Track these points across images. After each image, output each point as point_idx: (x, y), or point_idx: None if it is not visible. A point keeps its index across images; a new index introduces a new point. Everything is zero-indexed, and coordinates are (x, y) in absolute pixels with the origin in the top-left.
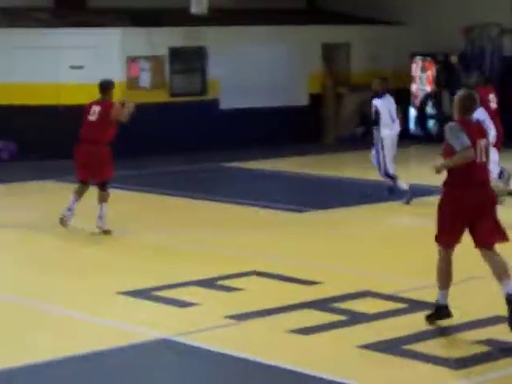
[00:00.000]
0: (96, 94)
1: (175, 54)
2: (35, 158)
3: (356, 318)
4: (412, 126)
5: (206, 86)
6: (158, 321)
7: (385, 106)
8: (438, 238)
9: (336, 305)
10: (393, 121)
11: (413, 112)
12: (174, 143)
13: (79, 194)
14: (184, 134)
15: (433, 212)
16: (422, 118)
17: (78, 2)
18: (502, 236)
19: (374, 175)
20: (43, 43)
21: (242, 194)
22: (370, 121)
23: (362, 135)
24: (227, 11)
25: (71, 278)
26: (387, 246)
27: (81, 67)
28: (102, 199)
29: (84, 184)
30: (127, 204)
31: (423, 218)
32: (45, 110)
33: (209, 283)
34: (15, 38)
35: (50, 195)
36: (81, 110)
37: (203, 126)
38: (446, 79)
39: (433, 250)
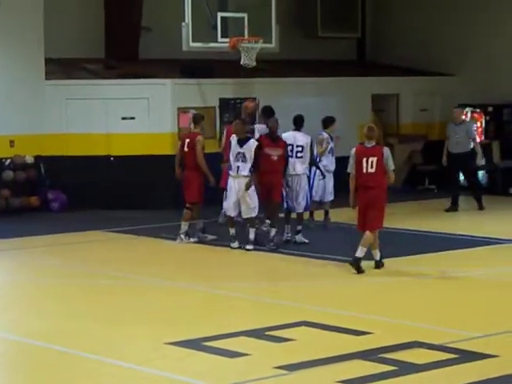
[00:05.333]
0: (147, 144)
1: (225, 104)
2: (85, 209)
3: (405, 369)
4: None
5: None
6: (208, 371)
7: None
8: None
9: (386, 355)
10: None
11: None
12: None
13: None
14: None
15: (474, 263)
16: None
17: (130, 52)
18: None
19: (430, 226)
20: (95, 94)
21: (289, 244)
22: None
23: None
24: (277, 62)
25: (119, 327)
26: (436, 296)
27: (132, 118)
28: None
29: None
30: (170, 254)
31: (466, 268)
32: (96, 161)
33: (258, 333)
34: (68, 89)
35: (99, 245)
36: (132, 161)
37: None
38: (496, 130)
39: (482, 301)
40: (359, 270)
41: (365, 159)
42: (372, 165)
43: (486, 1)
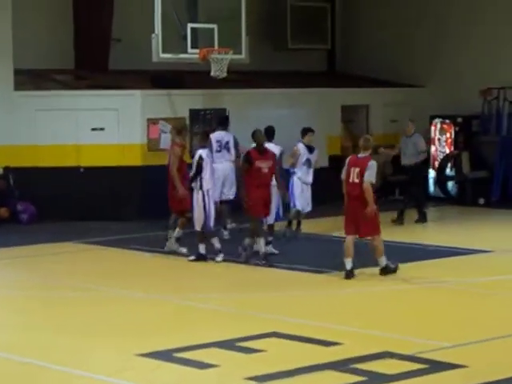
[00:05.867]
0: (116, 155)
1: (195, 115)
2: (55, 220)
3: (376, 380)
4: (431, 187)
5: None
6: (178, 383)
7: None
8: None
9: (356, 366)
10: None
11: (432, 173)
12: None
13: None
14: None
15: (445, 273)
16: (441, 179)
17: (100, 63)
18: None
19: (399, 236)
20: (64, 105)
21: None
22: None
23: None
24: (247, 74)
25: (89, 339)
26: (406, 306)
27: (102, 129)
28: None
29: None
30: (141, 265)
31: (437, 278)
32: (66, 172)
33: (228, 344)
34: (37, 100)
35: (68, 257)
36: (102, 172)
37: None
38: (465, 141)
39: (452, 311)
40: (392, 271)
41: (352, 169)
42: (357, 175)
43: (455, 14)
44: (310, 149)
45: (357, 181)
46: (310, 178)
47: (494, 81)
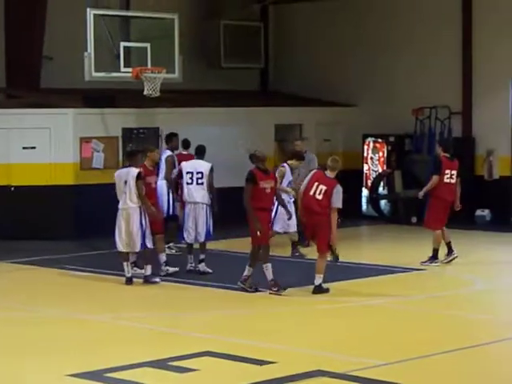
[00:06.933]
0: (48, 174)
1: (128, 134)
2: None
3: None
4: (364, 206)
5: (159, 167)
6: None
7: None
8: None
9: None
10: None
11: (365, 192)
12: None
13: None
14: None
15: (378, 292)
16: (373, 198)
17: (32, 82)
18: None
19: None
20: None
21: (193, 274)
22: None
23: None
24: (181, 93)
25: (19, 359)
26: (340, 325)
27: (33, 148)
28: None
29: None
30: (72, 285)
31: (371, 296)
32: None
33: (161, 364)
34: None
35: None
36: (33, 191)
37: None
38: (397, 160)
39: (385, 329)
40: (324, 291)
41: (316, 184)
42: (321, 192)
43: (388, 35)
44: (292, 170)
45: (319, 197)
46: (292, 198)
47: (426, 100)
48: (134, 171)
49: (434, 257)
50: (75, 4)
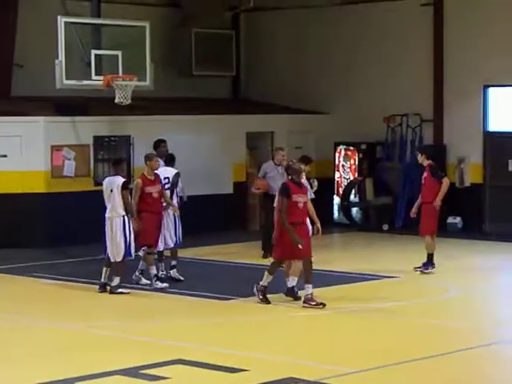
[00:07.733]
0: (19, 182)
1: (100, 142)
2: None
3: None
4: (335, 213)
5: (130, 175)
6: None
7: None
8: None
9: None
10: None
11: (336, 200)
12: (98, 232)
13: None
14: None
15: (351, 299)
16: (345, 205)
17: (2, 90)
18: None
19: None
20: None
21: (166, 282)
22: None
23: None
24: (152, 100)
25: None
26: (312, 332)
27: (4, 156)
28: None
29: None
30: (44, 293)
31: (344, 304)
32: None
33: (132, 372)
34: None
35: None
36: (4, 199)
37: None
38: (369, 168)
39: (358, 337)
40: (296, 298)
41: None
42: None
43: (359, 43)
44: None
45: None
46: None
47: (398, 108)
48: (120, 180)
49: (430, 262)
50: (46, 12)
